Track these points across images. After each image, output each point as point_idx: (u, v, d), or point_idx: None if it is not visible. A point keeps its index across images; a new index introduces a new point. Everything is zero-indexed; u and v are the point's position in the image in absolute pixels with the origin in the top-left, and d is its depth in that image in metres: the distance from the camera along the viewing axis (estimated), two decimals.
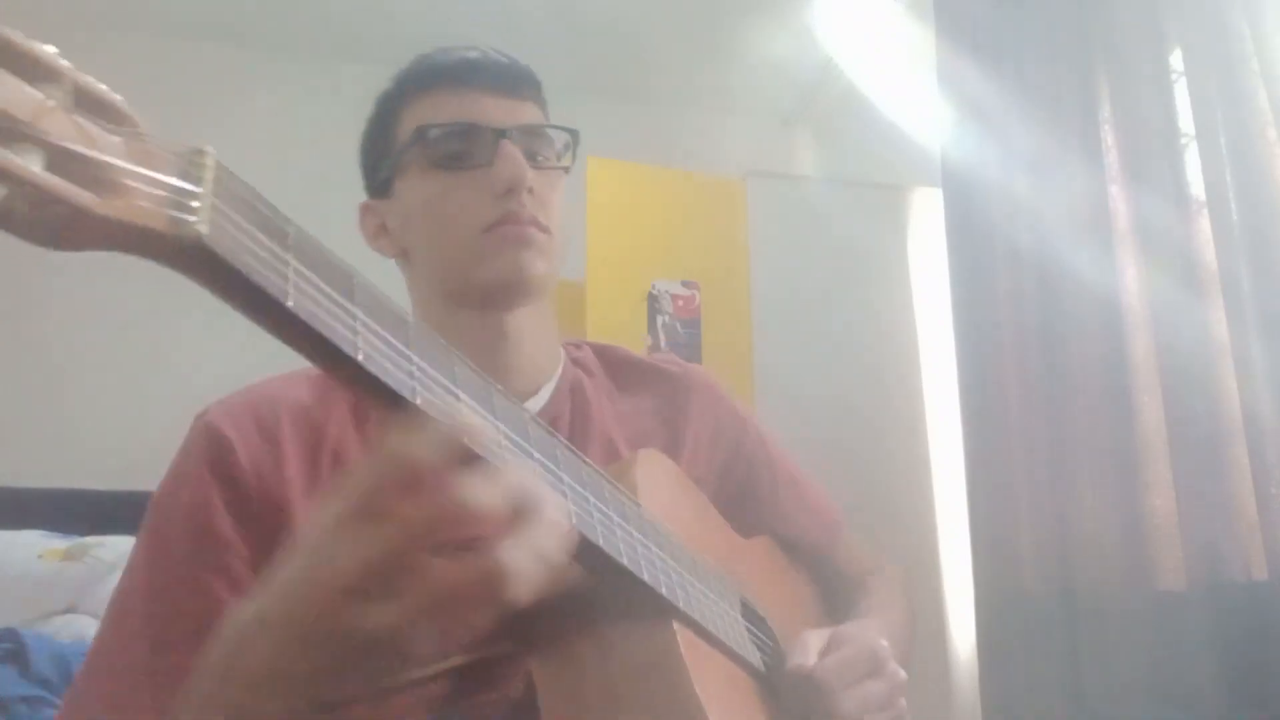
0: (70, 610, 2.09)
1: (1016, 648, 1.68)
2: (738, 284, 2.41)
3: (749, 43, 2.85)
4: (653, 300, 2.41)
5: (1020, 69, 1.82)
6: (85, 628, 2.01)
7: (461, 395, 0.47)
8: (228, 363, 1.82)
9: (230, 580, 0.66)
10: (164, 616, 0.65)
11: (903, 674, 0.74)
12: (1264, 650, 1.36)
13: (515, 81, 0.83)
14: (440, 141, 0.80)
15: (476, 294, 0.79)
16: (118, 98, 0.36)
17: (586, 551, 0.52)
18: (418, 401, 0.42)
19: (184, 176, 0.36)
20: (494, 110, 0.81)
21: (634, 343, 2.30)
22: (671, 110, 3.17)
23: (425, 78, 0.83)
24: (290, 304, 0.38)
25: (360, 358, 0.40)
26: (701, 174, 2.61)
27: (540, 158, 0.82)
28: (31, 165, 0.31)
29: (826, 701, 0.68)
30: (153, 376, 2.65)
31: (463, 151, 0.79)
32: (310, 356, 0.40)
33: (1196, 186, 1.51)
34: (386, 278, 0.60)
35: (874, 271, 2.45)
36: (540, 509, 0.44)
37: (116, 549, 2.19)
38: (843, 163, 3.03)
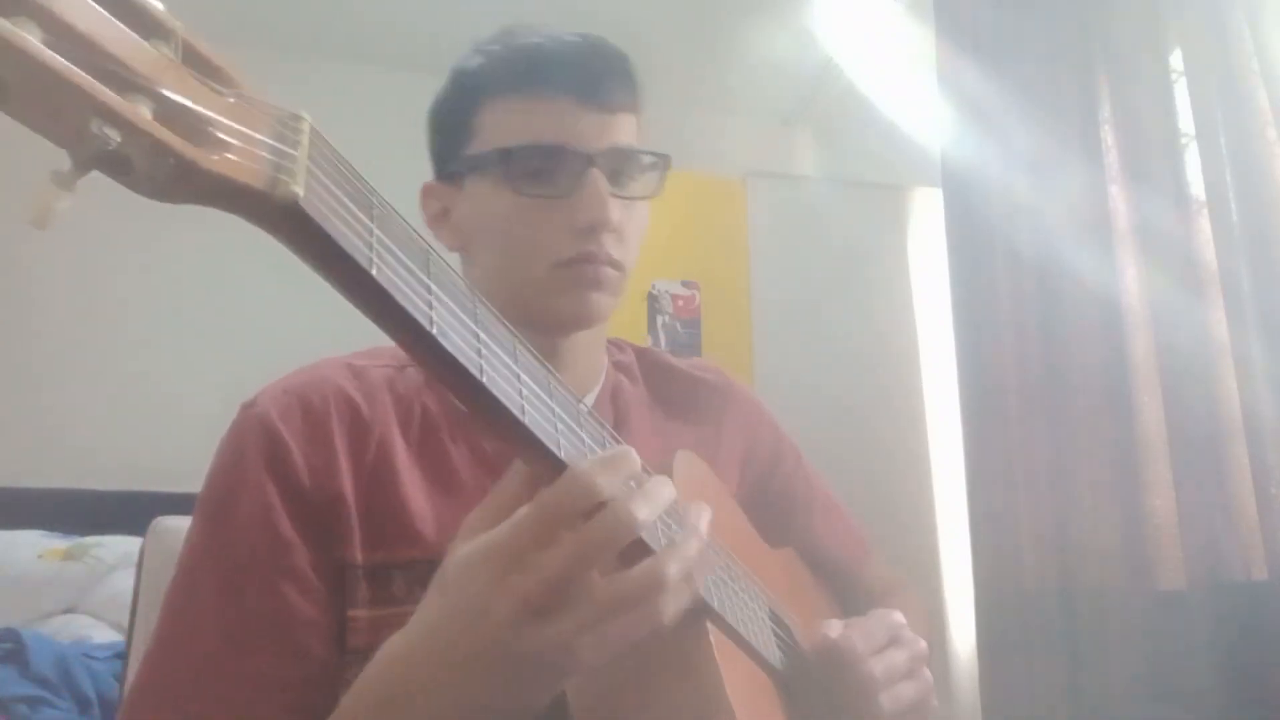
0: (70, 610, 2.09)
1: (1016, 648, 1.68)
2: (738, 284, 2.42)
3: (749, 43, 2.85)
4: (653, 300, 2.42)
5: (1020, 69, 1.82)
6: (85, 628, 2.01)
7: (522, 375, 0.48)
8: (227, 364, 1.82)
9: (297, 580, 0.66)
10: (238, 619, 0.65)
11: (923, 643, 0.73)
12: (1264, 650, 1.36)
13: (612, 90, 0.77)
14: (523, 162, 0.74)
15: (537, 319, 0.76)
16: (223, 59, 0.37)
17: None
18: (483, 379, 0.43)
19: (280, 139, 0.37)
20: (584, 127, 0.75)
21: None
22: (671, 110, 3.16)
23: (512, 74, 0.76)
24: (374, 272, 0.39)
25: (434, 331, 0.41)
26: (701, 174, 2.61)
27: (626, 178, 0.77)
28: (144, 115, 0.32)
29: (854, 670, 0.67)
30: (153, 377, 2.65)
31: (546, 174, 0.74)
32: (385, 326, 0.41)
33: (1196, 186, 1.52)
34: None
35: (874, 271, 2.46)
36: (693, 528, 0.51)
37: (116, 549, 2.19)
38: (843, 163, 3.03)
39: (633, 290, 2.71)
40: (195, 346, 2.67)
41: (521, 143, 0.73)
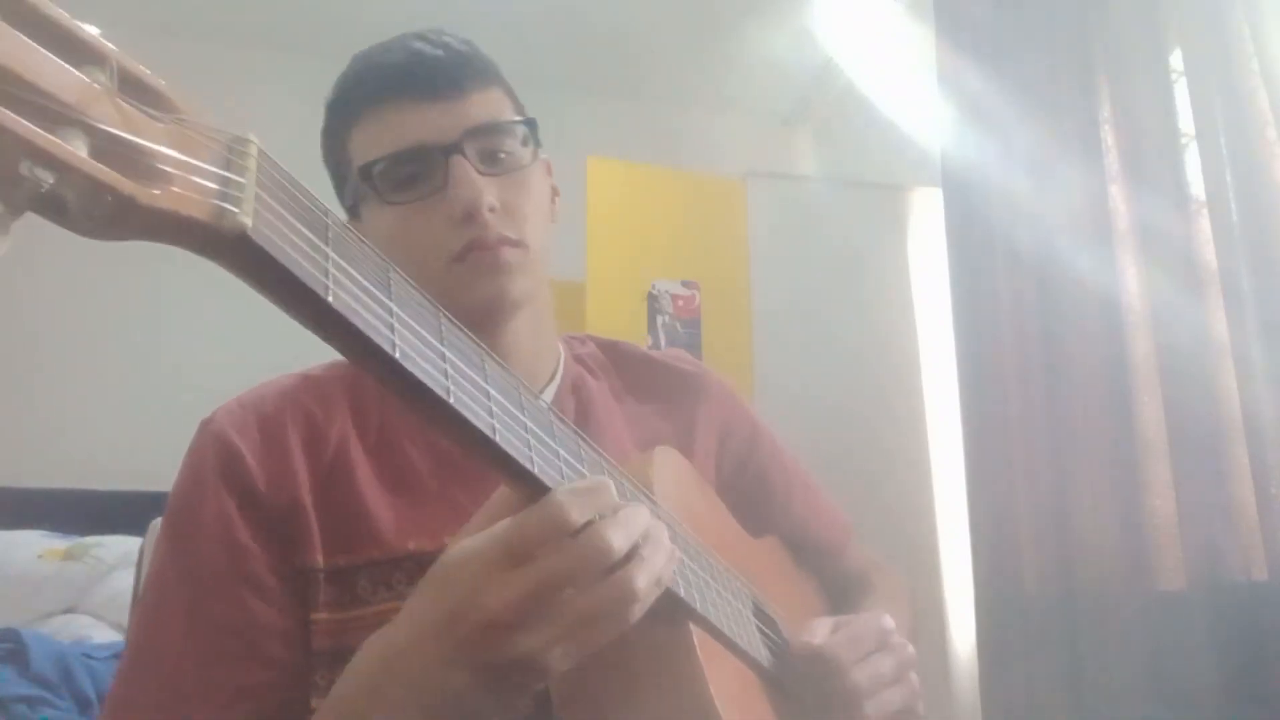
0: (70, 610, 2.09)
1: (1016, 648, 1.68)
2: (738, 284, 2.42)
3: (749, 43, 2.85)
4: (653, 300, 2.41)
5: (1020, 69, 1.82)
6: (85, 628, 2.01)
7: (492, 392, 0.47)
8: (227, 363, 1.82)
9: (259, 589, 0.67)
10: (202, 630, 0.66)
11: (911, 648, 0.73)
12: (1264, 650, 1.36)
13: (456, 77, 0.75)
14: (387, 174, 0.74)
15: (462, 317, 0.75)
16: (161, 82, 0.35)
17: None
18: (451, 401, 0.43)
19: (226, 165, 0.35)
20: (438, 120, 0.73)
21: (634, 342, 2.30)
22: (671, 110, 3.17)
23: (359, 98, 0.76)
24: (330, 299, 0.37)
25: (397, 355, 0.40)
26: (701, 174, 2.61)
27: (502, 155, 0.76)
28: (77, 151, 0.30)
29: (838, 678, 0.68)
30: (153, 377, 2.65)
31: (412, 178, 0.74)
32: (346, 351, 0.40)
33: (1196, 186, 1.51)
34: None
35: (874, 271, 2.45)
36: (659, 540, 0.52)
37: (116, 549, 2.19)
38: (843, 163, 3.03)
39: (633, 290, 2.71)
40: (195, 347, 2.67)
41: (377, 157, 0.74)
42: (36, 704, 1.61)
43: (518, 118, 0.78)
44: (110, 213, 0.31)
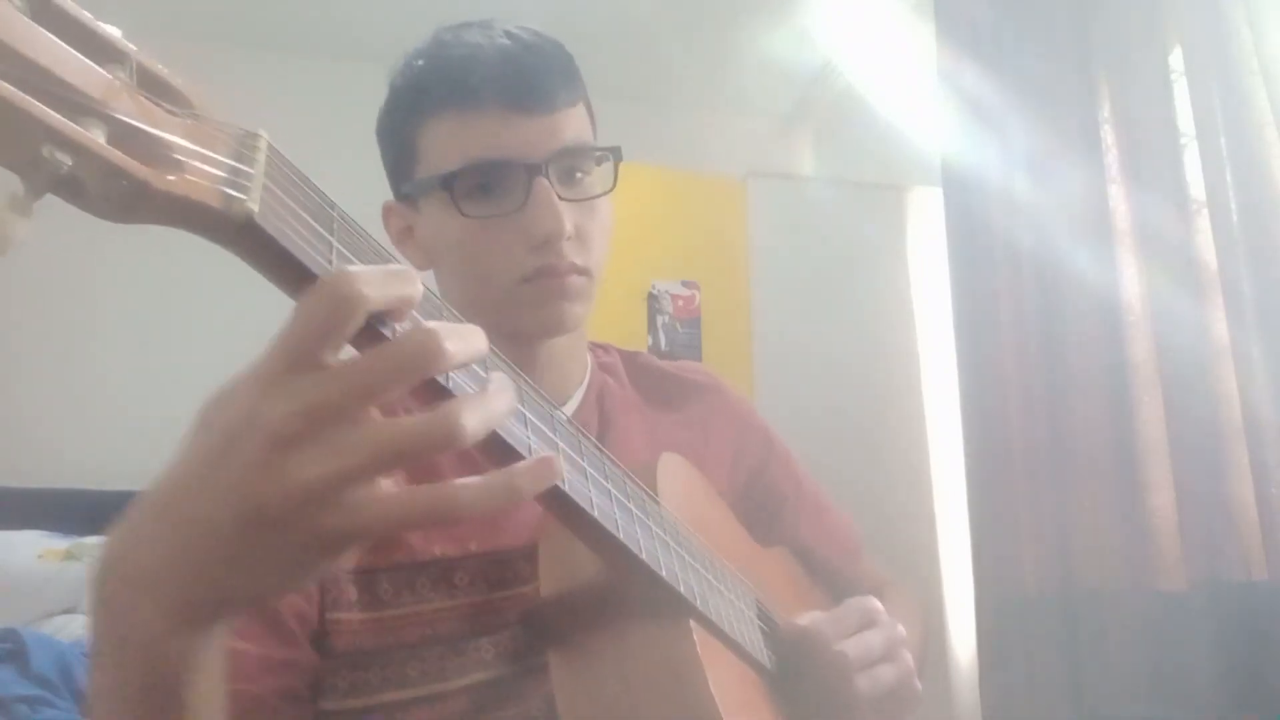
0: (70, 610, 2.09)
1: (1016, 648, 1.68)
2: (738, 284, 2.42)
3: (749, 43, 2.85)
4: (653, 300, 2.42)
5: (1020, 69, 1.82)
6: (85, 627, 2.01)
7: (489, 376, 0.47)
8: (227, 364, 1.82)
9: None
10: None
11: (900, 627, 0.72)
12: (1264, 650, 1.36)
13: (550, 90, 0.73)
14: (464, 183, 0.72)
15: (508, 331, 0.74)
16: (178, 80, 0.38)
17: (607, 545, 0.53)
18: (449, 386, 0.43)
19: (237, 157, 0.38)
20: (523, 136, 0.72)
21: (634, 343, 2.30)
22: (671, 110, 3.17)
23: (444, 93, 0.73)
24: None
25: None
26: (701, 174, 2.61)
27: (578, 178, 0.76)
28: (96, 138, 0.33)
29: (825, 653, 0.67)
30: (153, 377, 2.65)
31: (491, 192, 0.72)
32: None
33: (1196, 186, 1.51)
34: None
35: (874, 271, 2.46)
36: (500, 385, 0.41)
37: None
38: (843, 163, 3.03)
39: (633, 290, 2.71)
40: (195, 347, 2.67)
41: (460, 164, 0.71)
42: (36, 704, 1.61)
43: (600, 145, 0.77)
44: (126, 196, 0.34)
